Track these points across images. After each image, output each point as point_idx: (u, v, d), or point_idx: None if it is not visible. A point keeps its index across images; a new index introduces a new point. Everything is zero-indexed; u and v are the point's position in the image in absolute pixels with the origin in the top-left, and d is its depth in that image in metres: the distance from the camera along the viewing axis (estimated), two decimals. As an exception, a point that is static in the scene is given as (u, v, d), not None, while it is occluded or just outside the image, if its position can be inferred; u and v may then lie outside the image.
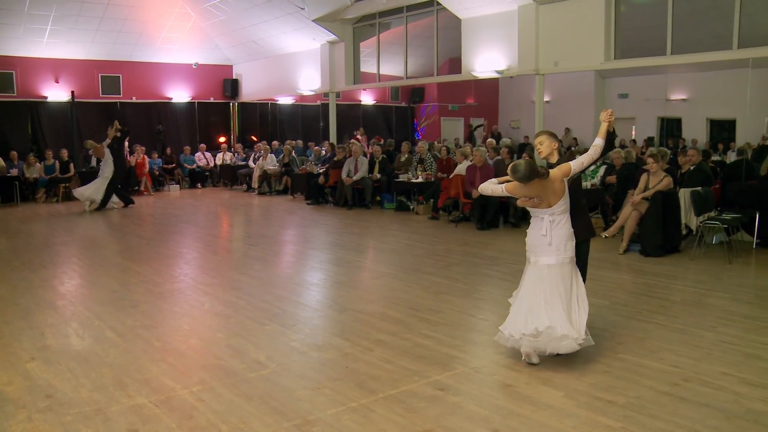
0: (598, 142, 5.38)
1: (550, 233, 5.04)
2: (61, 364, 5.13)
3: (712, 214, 9.29)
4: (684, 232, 9.76)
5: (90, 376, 4.84)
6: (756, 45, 11.31)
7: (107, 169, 15.30)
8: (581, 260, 5.30)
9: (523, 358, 4.98)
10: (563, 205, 5.06)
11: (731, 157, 16.54)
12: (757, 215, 9.71)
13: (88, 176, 18.27)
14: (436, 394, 4.46)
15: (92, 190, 15.42)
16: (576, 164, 5.15)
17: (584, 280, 5.25)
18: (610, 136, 5.38)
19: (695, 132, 21.43)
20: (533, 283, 5.06)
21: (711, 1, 15.39)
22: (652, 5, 13.83)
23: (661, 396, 4.38)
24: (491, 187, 5.15)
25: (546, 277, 5.00)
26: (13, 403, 4.40)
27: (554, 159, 5.41)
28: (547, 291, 4.95)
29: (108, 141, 15.44)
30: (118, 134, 15.60)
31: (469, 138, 23.98)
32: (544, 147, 5.41)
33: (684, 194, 9.54)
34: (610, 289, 7.39)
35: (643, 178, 9.62)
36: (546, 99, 18.65)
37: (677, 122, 22.44)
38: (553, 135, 5.43)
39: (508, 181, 5.04)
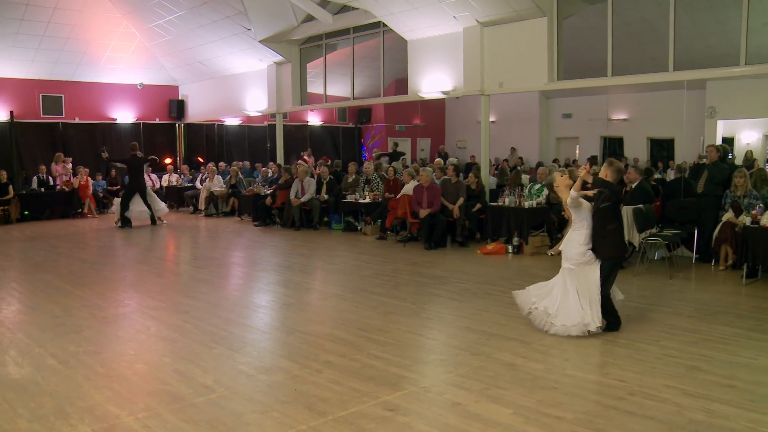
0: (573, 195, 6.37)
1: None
2: (-1, 393, 4.96)
3: (654, 230, 9.53)
4: (627, 248, 9.97)
5: (29, 406, 4.69)
6: (690, 68, 11.72)
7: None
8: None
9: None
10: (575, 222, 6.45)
11: (671, 175, 17.03)
12: (696, 231, 10.03)
13: (28, 199, 17.86)
14: (385, 415, 4.45)
15: (136, 209, 16.16)
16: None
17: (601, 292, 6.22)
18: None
19: (636, 151, 22.01)
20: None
21: (648, 26, 15.94)
22: (593, 28, 14.22)
23: (607, 410, 4.46)
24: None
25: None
26: (-53, 436, 4.23)
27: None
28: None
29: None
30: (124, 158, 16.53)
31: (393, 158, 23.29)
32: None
33: (627, 211, 9.76)
34: (557, 306, 7.49)
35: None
36: (492, 119, 18.95)
37: (619, 141, 23.04)
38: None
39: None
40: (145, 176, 20.72)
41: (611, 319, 6.34)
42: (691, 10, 14.75)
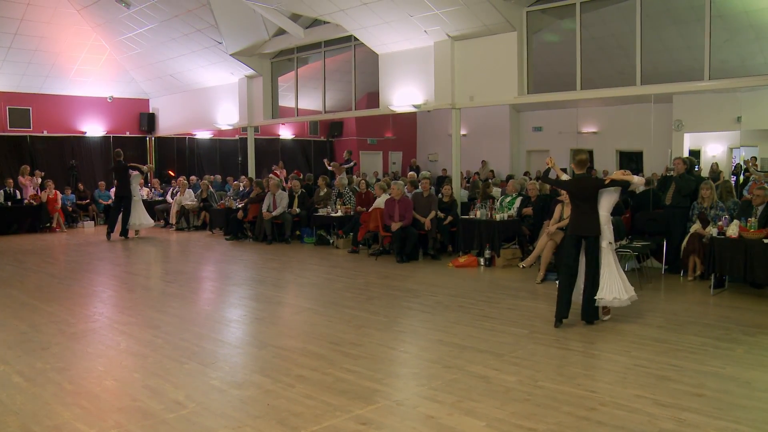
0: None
1: None
2: (-36, 412, 4.86)
3: (624, 242, 9.63)
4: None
5: (-4, 424, 4.61)
6: (657, 82, 11.91)
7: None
8: None
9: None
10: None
11: (639, 187, 17.20)
12: (665, 242, 10.17)
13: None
14: (359, 429, 4.43)
15: (134, 218, 16.06)
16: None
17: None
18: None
19: (606, 163, 22.24)
20: None
21: (615, 40, 16.16)
22: (562, 43, 14.38)
23: (579, 421, 4.49)
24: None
25: None
26: None
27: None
28: None
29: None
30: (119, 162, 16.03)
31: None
32: None
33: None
34: (528, 318, 7.55)
35: (558, 208, 9.91)
36: (463, 132, 19.01)
37: (589, 154, 23.24)
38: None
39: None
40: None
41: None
42: (657, 26, 14.99)
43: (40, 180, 18.83)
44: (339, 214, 14.26)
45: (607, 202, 7.16)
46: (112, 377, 5.66)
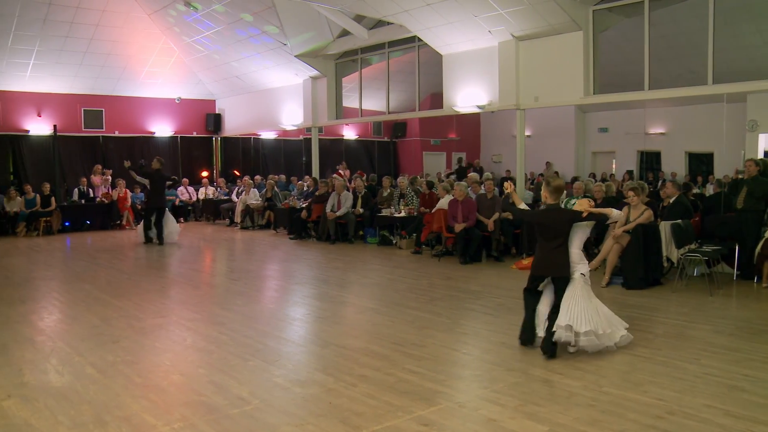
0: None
1: None
2: (39, 401, 5.03)
3: (693, 246, 9.38)
4: (666, 264, 9.83)
5: (69, 414, 4.76)
6: (730, 81, 11.55)
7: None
8: None
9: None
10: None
11: (710, 189, 16.76)
12: (737, 247, 9.83)
13: (69, 210, 18.23)
14: (420, 430, 4.42)
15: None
16: None
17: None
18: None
19: (674, 165, 21.74)
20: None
21: (686, 38, 15.76)
22: (630, 41, 14.10)
23: (645, 429, 4.38)
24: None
25: None
26: (-11, 443, 4.32)
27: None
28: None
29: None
30: (141, 169, 15.75)
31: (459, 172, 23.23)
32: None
33: (664, 227, 9.63)
34: (593, 322, 7.39)
35: (624, 211, 9.70)
36: (527, 133, 18.85)
37: (656, 155, 22.77)
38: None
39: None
40: (181, 189, 21.17)
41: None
42: (732, 22, 14.56)
43: (110, 179, 19.44)
44: (402, 214, 14.28)
45: (579, 238, 6.31)
46: (178, 372, 5.79)
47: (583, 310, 5.98)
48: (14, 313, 8.17)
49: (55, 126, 19.45)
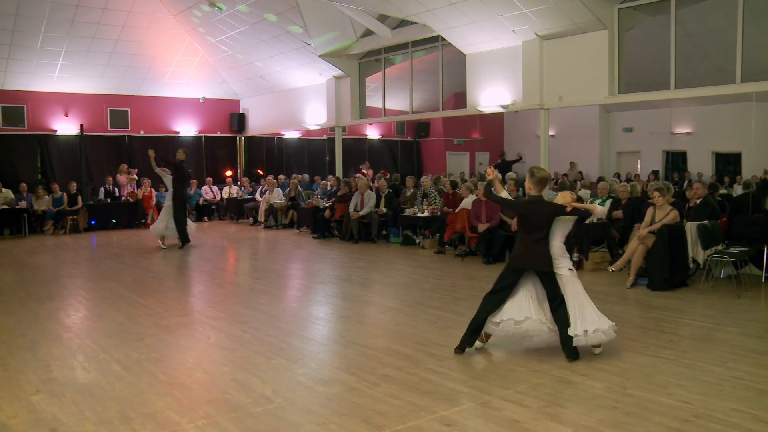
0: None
1: None
2: (66, 397, 5.10)
3: (720, 247, 9.27)
4: (691, 266, 9.72)
5: (95, 410, 4.82)
6: (758, 79, 11.39)
7: (168, 196, 14.51)
8: None
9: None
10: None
11: (738, 190, 16.54)
12: (765, 249, 9.68)
13: (95, 209, 18.44)
14: (443, 430, 4.42)
15: (161, 224, 14.38)
16: None
17: None
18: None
19: (701, 165, 21.49)
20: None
21: (713, 36, 15.56)
22: (656, 40, 13.96)
23: (671, 432, 4.34)
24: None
25: None
26: (17, 438, 4.38)
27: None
28: None
29: (158, 169, 14.62)
30: (162, 163, 14.70)
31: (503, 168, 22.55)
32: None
33: (691, 228, 9.53)
34: (618, 324, 7.31)
35: (650, 211, 9.61)
36: (551, 133, 18.74)
37: (682, 155, 22.52)
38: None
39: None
40: (205, 188, 21.33)
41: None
42: (760, 19, 14.34)
43: (136, 178, 19.63)
44: (426, 214, 14.26)
45: (560, 232, 6.16)
46: (202, 370, 5.84)
47: (592, 312, 5.99)
48: (42, 310, 8.29)
49: (81, 126, 19.69)
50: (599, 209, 6.38)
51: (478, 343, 6.29)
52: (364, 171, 21.43)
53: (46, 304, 8.68)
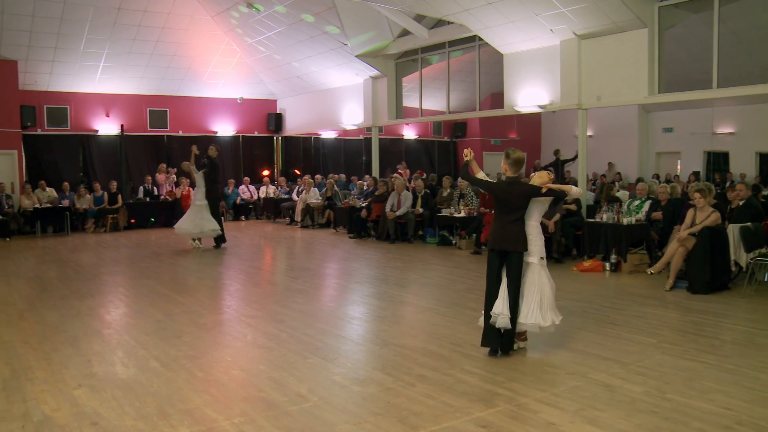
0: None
1: None
2: (107, 392, 5.19)
3: (764, 250, 9.07)
4: (734, 269, 9.53)
5: (134, 405, 4.89)
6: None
7: (198, 195, 14.09)
8: None
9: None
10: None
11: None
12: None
13: (134, 208, 18.75)
14: (478, 431, 4.39)
15: (188, 223, 13.99)
16: None
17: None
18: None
19: (743, 166, 21.06)
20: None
21: (758, 33, 15.23)
22: (697, 38, 13.71)
23: (711, 438, 4.26)
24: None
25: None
26: (60, 429, 4.47)
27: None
28: None
29: (192, 166, 14.17)
30: (205, 159, 14.14)
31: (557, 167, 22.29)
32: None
33: (733, 230, 9.35)
34: (656, 327, 7.23)
35: (690, 213, 9.45)
36: (589, 133, 18.53)
37: (724, 156, 22.09)
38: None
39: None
40: (243, 187, 21.51)
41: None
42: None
43: (174, 177, 19.88)
44: (462, 214, 14.21)
45: (537, 212, 6.25)
46: (239, 367, 5.89)
47: (539, 301, 6.12)
48: (84, 306, 8.45)
49: (122, 126, 20.02)
50: (574, 190, 6.35)
51: (519, 343, 6.32)
52: (400, 171, 21.43)
53: (88, 300, 8.84)
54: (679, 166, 23.04)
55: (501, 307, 6.04)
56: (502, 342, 6.07)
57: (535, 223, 6.23)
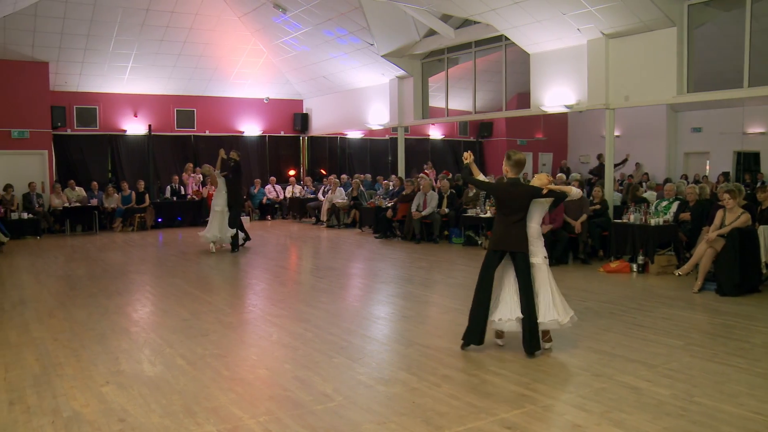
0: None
1: None
2: (134, 389, 5.25)
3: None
4: (764, 271, 9.39)
5: (161, 402, 4.94)
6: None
7: (219, 200, 13.83)
8: None
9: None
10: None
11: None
12: None
13: (161, 207, 18.93)
14: (503, 433, 4.38)
15: (216, 230, 13.72)
16: None
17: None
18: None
19: (776, 167, 20.71)
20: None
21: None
22: (727, 36, 13.51)
23: (740, 442, 4.20)
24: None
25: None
26: (89, 425, 4.52)
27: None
28: None
29: (217, 170, 14.02)
30: (231, 163, 13.84)
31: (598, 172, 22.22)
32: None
33: (763, 231, 9.21)
34: (684, 329, 7.15)
35: (719, 214, 9.33)
36: (616, 133, 18.37)
37: (755, 156, 21.76)
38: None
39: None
40: (269, 187, 21.62)
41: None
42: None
43: (201, 177, 20.04)
44: (488, 215, 14.14)
45: (538, 213, 6.37)
46: (264, 366, 5.92)
47: (551, 299, 6.20)
48: (112, 304, 8.55)
49: (149, 126, 20.22)
50: (574, 191, 6.43)
51: (545, 344, 6.31)
52: (426, 171, 21.39)
53: (115, 298, 8.95)
54: (707, 167, 22.74)
55: (509, 312, 6.12)
56: (523, 343, 6.07)
57: (536, 225, 6.35)
